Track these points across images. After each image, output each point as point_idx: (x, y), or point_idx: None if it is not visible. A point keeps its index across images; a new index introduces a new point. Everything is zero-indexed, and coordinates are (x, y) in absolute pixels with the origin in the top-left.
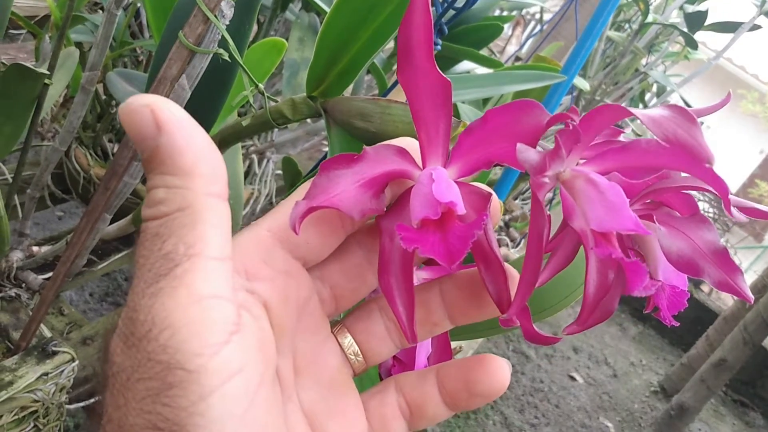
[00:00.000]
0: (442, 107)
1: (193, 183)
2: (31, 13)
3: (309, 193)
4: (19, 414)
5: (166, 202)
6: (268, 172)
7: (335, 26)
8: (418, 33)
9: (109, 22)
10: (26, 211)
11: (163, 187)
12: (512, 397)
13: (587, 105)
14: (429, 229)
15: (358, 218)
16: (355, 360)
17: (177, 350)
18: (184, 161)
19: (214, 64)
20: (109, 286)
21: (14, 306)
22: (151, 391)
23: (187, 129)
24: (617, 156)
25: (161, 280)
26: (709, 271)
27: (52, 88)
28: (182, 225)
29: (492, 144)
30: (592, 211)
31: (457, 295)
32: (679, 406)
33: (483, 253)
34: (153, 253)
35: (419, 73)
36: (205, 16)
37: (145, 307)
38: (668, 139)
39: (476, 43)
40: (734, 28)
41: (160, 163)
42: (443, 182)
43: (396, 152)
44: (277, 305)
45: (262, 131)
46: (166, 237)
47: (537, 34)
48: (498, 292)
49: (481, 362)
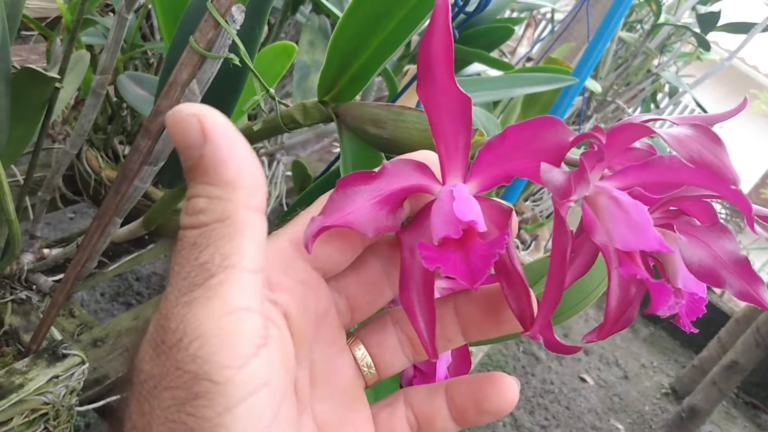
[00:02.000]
0: (462, 122)
1: (234, 194)
2: (43, 15)
3: (325, 209)
4: (29, 416)
5: (207, 212)
6: (279, 174)
7: (347, 32)
8: (439, 50)
9: (120, 25)
10: (37, 213)
11: (205, 197)
12: (522, 399)
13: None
14: (450, 247)
15: (371, 236)
16: (368, 372)
17: (206, 361)
18: (226, 172)
19: (224, 69)
20: (120, 286)
21: (25, 308)
22: (177, 401)
23: (232, 140)
24: (639, 172)
25: (196, 290)
26: (730, 282)
27: (62, 91)
28: (221, 236)
29: (513, 160)
30: (616, 229)
31: (472, 310)
32: (691, 408)
33: (505, 270)
34: (189, 261)
35: (439, 89)
36: (215, 21)
37: (178, 315)
38: (693, 160)
39: (487, 46)
40: (747, 29)
41: (203, 172)
42: (464, 200)
43: (415, 167)
44: (297, 316)
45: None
46: (203, 247)
47: (548, 35)
48: (521, 308)
49: (491, 380)
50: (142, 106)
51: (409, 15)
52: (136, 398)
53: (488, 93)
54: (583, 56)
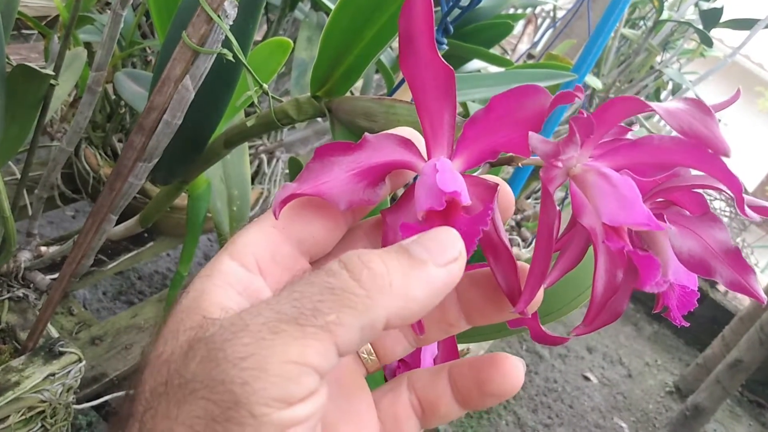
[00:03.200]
0: (446, 97)
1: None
2: (43, 13)
3: (300, 176)
4: (26, 414)
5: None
6: (278, 171)
7: (339, 26)
8: (419, 21)
9: (115, 22)
10: (34, 211)
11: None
12: (525, 397)
13: (601, 103)
14: (434, 222)
15: (343, 208)
16: (368, 359)
17: (254, 392)
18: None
19: (218, 64)
20: (122, 284)
21: (22, 306)
22: (209, 414)
23: None
24: (629, 152)
25: (286, 325)
26: (721, 271)
27: (59, 88)
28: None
29: (497, 132)
30: (604, 205)
31: (474, 294)
32: (695, 406)
33: (491, 244)
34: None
35: (421, 61)
36: (208, 16)
37: (258, 337)
38: (684, 132)
39: (486, 42)
40: (750, 25)
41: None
42: (447, 171)
43: (399, 142)
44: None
45: (267, 131)
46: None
47: (550, 31)
48: (508, 283)
49: (494, 361)
50: (138, 103)
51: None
52: (167, 391)
53: (487, 90)
54: (583, 52)
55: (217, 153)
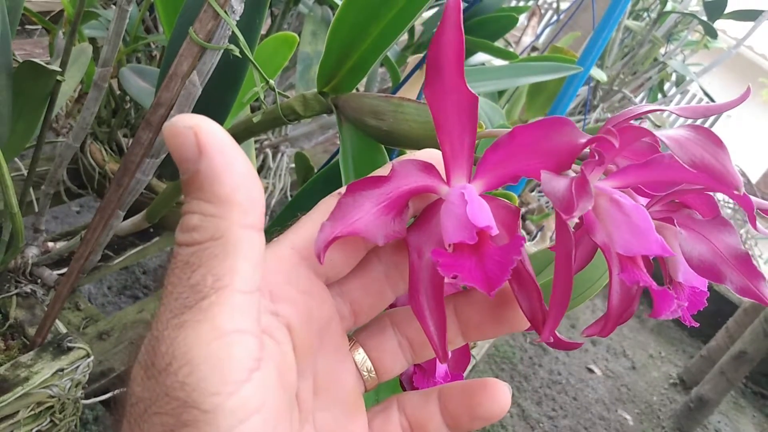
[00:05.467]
0: (468, 122)
1: (228, 213)
2: (47, 9)
3: (334, 214)
4: (35, 409)
5: (200, 230)
6: (283, 166)
7: (346, 21)
8: (449, 49)
9: (121, 18)
10: (41, 207)
11: (199, 213)
12: (530, 390)
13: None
14: (464, 253)
15: (382, 243)
16: (368, 376)
17: (194, 389)
18: (221, 189)
19: (225, 60)
20: (127, 279)
21: (30, 302)
22: (166, 427)
23: (229, 155)
24: (639, 171)
25: (186, 312)
26: (731, 277)
27: (65, 84)
28: (213, 255)
29: (520, 160)
30: (617, 233)
31: (472, 312)
32: (699, 398)
33: (516, 273)
34: (182, 281)
35: (448, 88)
36: (215, 11)
37: (168, 338)
38: (694, 164)
39: (491, 35)
40: (755, 16)
41: (198, 188)
42: (476, 203)
43: (421, 167)
44: (301, 327)
45: (274, 127)
46: (195, 267)
47: (554, 23)
48: (532, 311)
49: (483, 386)
50: (144, 99)
51: (409, 4)
52: (128, 420)
53: (493, 82)
54: (588, 45)
55: None
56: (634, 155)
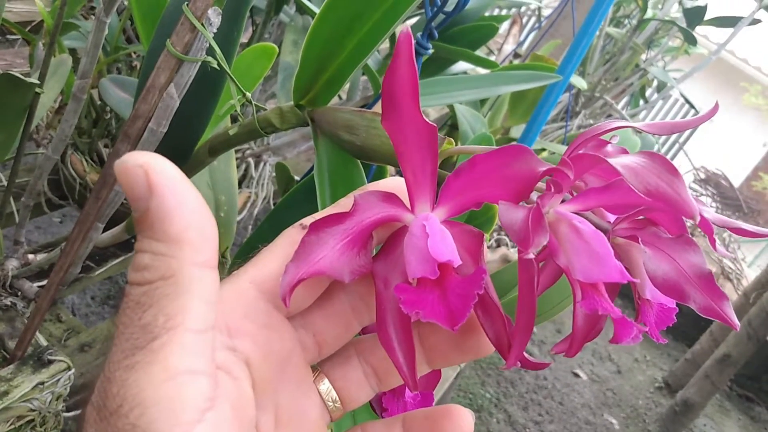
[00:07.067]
0: (429, 150)
1: (179, 251)
2: (27, 19)
3: (298, 255)
4: (15, 423)
5: (151, 269)
6: (265, 175)
7: (321, 34)
8: (404, 83)
9: (99, 29)
10: (21, 218)
11: (150, 252)
12: (516, 395)
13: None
14: (427, 287)
15: (348, 280)
16: (334, 406)
17: (145, 431)
18: (171, 228)
19: (203, 72)
20: (110, 289)
21: (10, 315)
22: None
23: (180, 193)
24: (600, 195)
25: (137, 353)
26: (694, 297)
27: (44, 96)
28: (164, 295)
29: (481, 188)
30: (577, 259)
31: (437, 340)
32: (684, 401)
33: (481, 299)
34: (133, 322)
35: (405, 121)
36: (192, 24)
37: (119, 380)
38: (649, 193)
39: (471, 44)
40: (734, 23)
41: (148, 227)
42: (437, 235)
43: (382, 198)
44: (260, 361)
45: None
46: (147, 306)
47: (537, 29)
48: (498, 337)
49: (447, 413)
50: (124, 110)
51: (384, 17)
52: None
53: (473, 92)
54: (568, 53)
55: (202, 161)
56: (603, 173)
